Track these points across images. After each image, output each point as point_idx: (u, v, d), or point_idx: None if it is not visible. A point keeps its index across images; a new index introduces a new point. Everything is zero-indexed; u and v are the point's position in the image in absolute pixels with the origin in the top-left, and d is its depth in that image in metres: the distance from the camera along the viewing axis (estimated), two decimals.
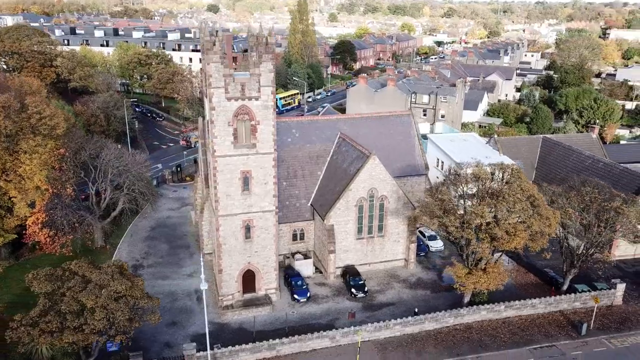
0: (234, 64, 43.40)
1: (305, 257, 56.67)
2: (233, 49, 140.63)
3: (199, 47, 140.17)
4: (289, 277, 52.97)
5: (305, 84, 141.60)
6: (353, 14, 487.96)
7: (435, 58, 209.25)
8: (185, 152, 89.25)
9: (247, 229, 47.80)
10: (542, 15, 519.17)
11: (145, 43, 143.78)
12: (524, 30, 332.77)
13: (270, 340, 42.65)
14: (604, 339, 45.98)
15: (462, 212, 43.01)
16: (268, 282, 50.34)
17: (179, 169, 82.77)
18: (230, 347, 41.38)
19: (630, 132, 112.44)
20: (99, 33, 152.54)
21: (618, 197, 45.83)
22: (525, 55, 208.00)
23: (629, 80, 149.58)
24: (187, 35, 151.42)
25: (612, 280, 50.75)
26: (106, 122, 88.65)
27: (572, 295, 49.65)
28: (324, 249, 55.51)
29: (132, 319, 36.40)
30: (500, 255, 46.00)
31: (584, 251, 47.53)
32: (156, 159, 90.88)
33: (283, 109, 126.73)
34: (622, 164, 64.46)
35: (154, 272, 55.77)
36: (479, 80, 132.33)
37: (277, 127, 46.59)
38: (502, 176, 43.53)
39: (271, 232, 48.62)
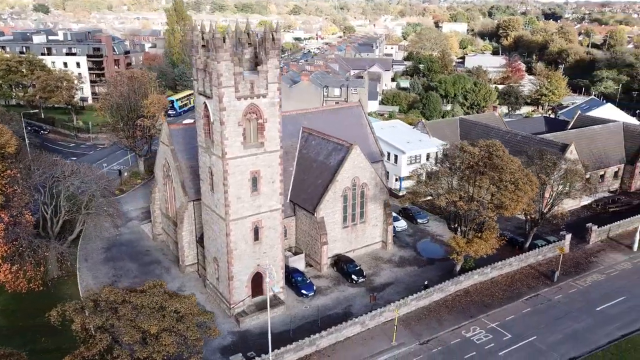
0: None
1: (295, 253, 56.67)
2: (114, 50, 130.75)
3: (74, 50, 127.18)
4: (289, 275, 52.59)
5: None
6: (200, 12, 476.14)
7: (318, 51, 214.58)
8: (105, 164, 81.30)
9: (256, 230, 46.62)
10: (375, 11, 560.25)
11: (4, 47, 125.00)
12: (374, 25, 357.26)
13: (311, 335, 42.64)
14: (571, 282, 54.26)
15: (466, 187, 47.29)
16: (276, 282, 49.52)
17: None
18: (276, 350, 40.39)
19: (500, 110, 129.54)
20: None
21: (569, 161, 54.21)
22: (386, 48, 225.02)
23: (482, 66, 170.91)
24: (51, 37, 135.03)
25: (561, 233, 59.79)
26: None
27: (537, 250, 57.44)
28: (313, 242, 56.09)
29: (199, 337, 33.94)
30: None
31: (547, 210, 55.42)
32: None
33: (180, 110, 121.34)
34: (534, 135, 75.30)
35: None
36: (364, 72, 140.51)
37: None
38: (489, 152, 48.56)
39: (278, 230, 48.03)
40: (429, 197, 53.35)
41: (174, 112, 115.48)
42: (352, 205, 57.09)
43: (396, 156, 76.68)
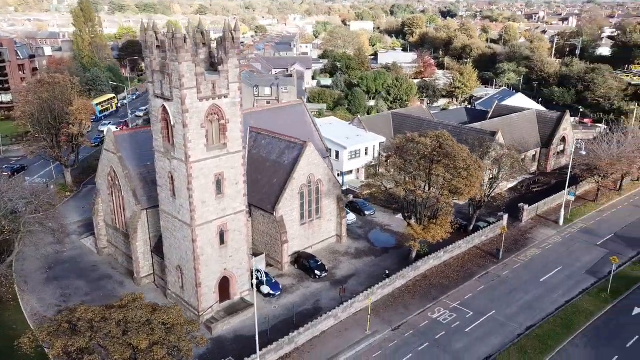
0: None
1: (254, 254, 56.09)
2: (17, 54, 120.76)
3: None
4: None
5: (110, 88, 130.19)
6: (98, 12, 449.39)
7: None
8: (27, 178, 74.94)
9: (222, 234, 45.70)
10: (281, 10, 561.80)
11: None
12: (285, 24, 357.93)
13: (290, 334, 42.72)
14: (514, 258, 58.73)
15: (423, 176, 49.56)
16: (242, 285, 48.92)
17: None
18: (259, 352, 39.98)
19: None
20: None
21: (505, 146, 58.56)
22: (301, 47, 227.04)
23: (397, 62, 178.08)
24: None
25: (499, 214, 64.45)
26: None
27: (481, 231, 61.48)
28: (272, 242, 55.95)
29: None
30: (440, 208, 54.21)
31: (489, 192, 59.52)
32: None
33: (101, 115, 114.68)
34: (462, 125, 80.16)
35: None
36: (287, 70, 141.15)
37: None
38: (439, 142, 51.24)
39: (243, 232, 47.38)
40: (375, 189, 54.92)
41: (94, 117, 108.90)
42: (309, 202, 57.65)
43: (337, 152, 78.03)
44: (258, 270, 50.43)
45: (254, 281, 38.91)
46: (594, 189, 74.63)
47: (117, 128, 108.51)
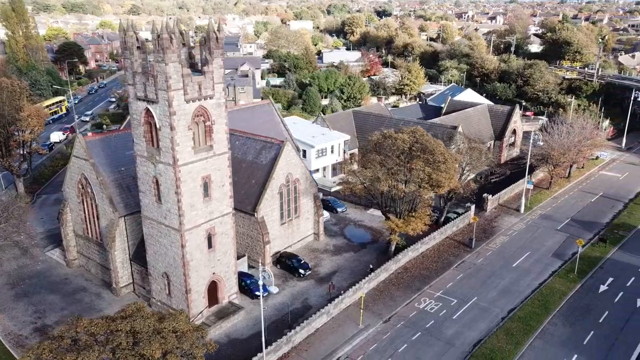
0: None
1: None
2: None
3: None
4: (238, 278, 51.35)
5: (51, 92, 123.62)
6: None
7: None
8: None
9: (209, 237, 44.86)
10: (216, 10, 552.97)
11: None
12: (225, 24, 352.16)
13: (288, 333, 42.67)
14: (485, 246, 61.39)
15: (404, 171, 50.78)
16: (230, 289, 48.32)
17: None
18: (259, 354, 39.67)
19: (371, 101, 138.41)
20: None
21: (472, 140, 61.09)
22: (245, 47, 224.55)
23: (343, 61, 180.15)
24: None
25: (466, 205, 67.10)
26: None
27: (452, 222, 63.79)
28: (253, 243, 55.50)
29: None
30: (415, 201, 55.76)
31: (461, 184, 61.85)
32: None
33: (49, 118, 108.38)
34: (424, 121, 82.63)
35: None
36: (237, 70, 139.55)
37: None
38: (415, 137, 52.75)
39: (230, 235, 46.73)
40: (353, 186, 55.73)
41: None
42: (288, 201, 57.59)
43: (304, 151, 78.17)
44: (264, 271, 50.07)
45: (261, 282, 38.47)
46: (548, 177, 79.24)
47: (63, 134, 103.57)
